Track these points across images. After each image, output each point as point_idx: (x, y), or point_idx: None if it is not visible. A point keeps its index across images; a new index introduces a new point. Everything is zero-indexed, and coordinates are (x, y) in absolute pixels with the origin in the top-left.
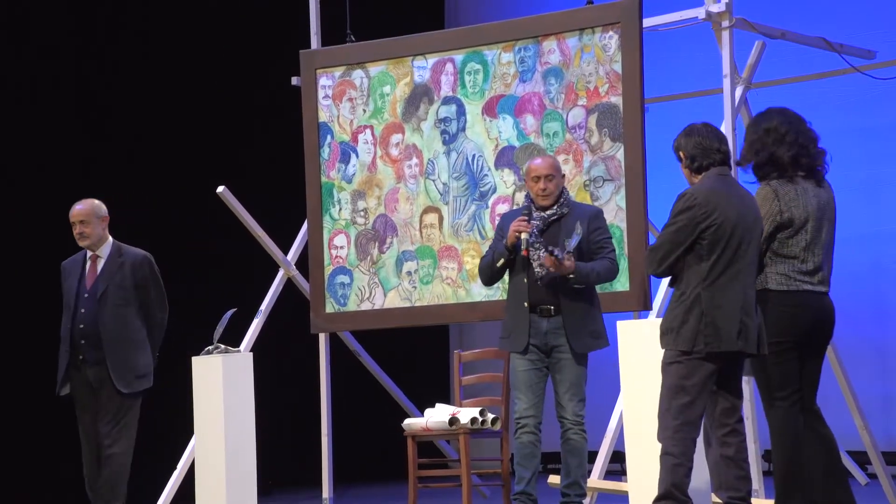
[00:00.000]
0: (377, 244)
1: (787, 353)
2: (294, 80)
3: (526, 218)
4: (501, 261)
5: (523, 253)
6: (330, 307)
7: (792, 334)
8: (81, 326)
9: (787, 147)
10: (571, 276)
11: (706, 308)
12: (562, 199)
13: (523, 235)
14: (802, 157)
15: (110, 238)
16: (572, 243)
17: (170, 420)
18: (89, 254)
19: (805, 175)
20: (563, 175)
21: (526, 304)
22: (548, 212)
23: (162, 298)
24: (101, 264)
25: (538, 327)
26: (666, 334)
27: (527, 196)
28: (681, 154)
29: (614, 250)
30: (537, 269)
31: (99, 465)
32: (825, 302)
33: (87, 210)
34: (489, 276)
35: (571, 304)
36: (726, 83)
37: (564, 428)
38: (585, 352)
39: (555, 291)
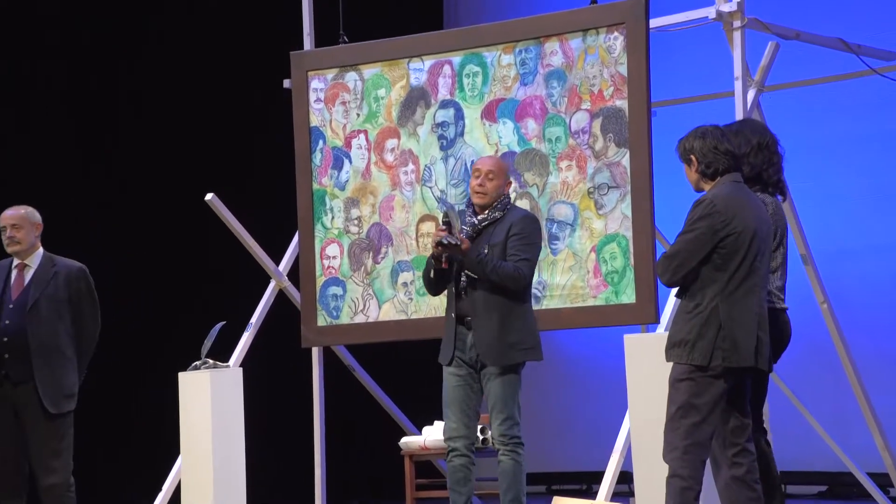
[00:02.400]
0: (371, 254)
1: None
2: (287, 83)
3: (444, 228)
4: (431, 272)
5: (443, 265)
6: (322, 320)
7: (780, 352)
8: (5, 339)
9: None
10: (464, 261)
11: (724, 322)
12: (497, 204)
13: (444, 240)
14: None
15: (41, 248)
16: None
17: (155, 439)
18: (15, 262)
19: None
20: (510, 182)
21: (453, 314)
22: (479, 217)
23: (96, 313)
24: (29, 274)
25: (465, 339)
26: (677, 347)
27: (467, 201)
28: (692, 158)
29: (527, 260)
30: (462, 280)
31: (14, 497)
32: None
33: (21, 215)
34: (428, 286)
35: (483, 312)
36: (738, 86)
37: (495, 449)
38: (505, 365)
39: (474, 300)
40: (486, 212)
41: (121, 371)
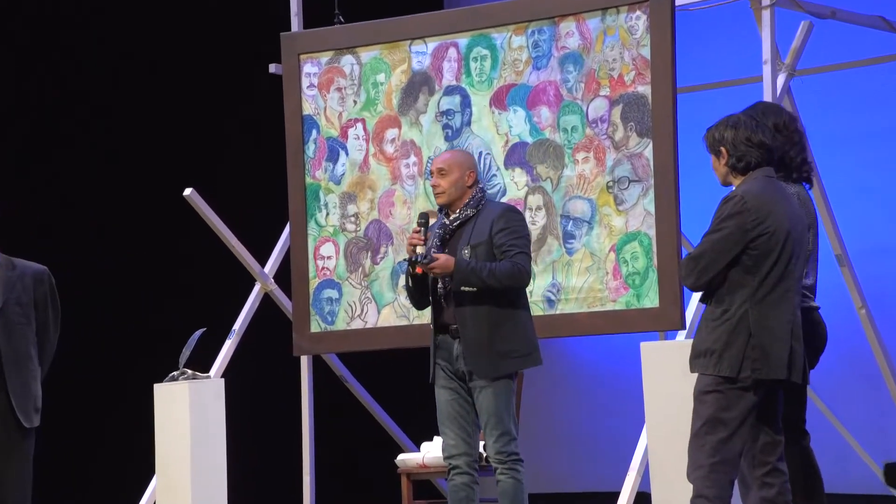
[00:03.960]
0: (370, 254)
1: None
2: (272, 68)
3: (419, 229)
4: (409, 279)
5: (417, 270)
6: (316, 326)
7: (817, 356)
8: None
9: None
10: (454, 277)
11: (755, 329)
12: (469, 200)
13: (419, 249)
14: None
15: None
16: (432, 238)
17: (127, 458)
18: None
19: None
20: (471, 172)
21: (432, 325)
22: (451, 216)
23: (58, 320)
24: None
25: (450, 350)
26: (703, 357)
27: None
28: (722, 149)
29: (524, 253)
30: (440, 286)
31: None
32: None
33: None
34: (412, 298)
35: (469, 320)
36: (767, 70)
37: (493, 468)
38: (495, 376)
39: (459, 307)
40: (458, 210)
41: (89, 383)
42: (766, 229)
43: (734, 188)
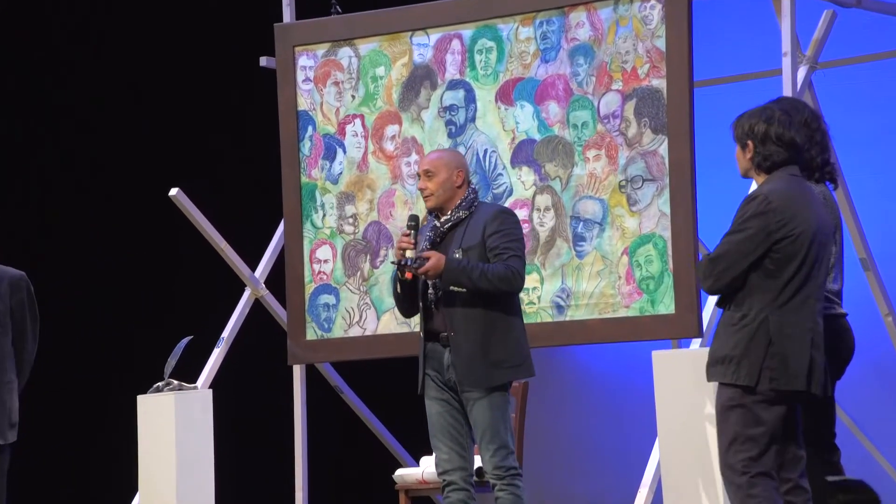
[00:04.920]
0: (369, 257)
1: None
2: (263, 61)
3: (409, 232)
4: (398, 285)
5: (406, 276)
6: (311, 333)
7: (844, 366)
8: None
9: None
10: (443, 275)
11: (775, 337)
12: (460, 202)
13: (408, 253)
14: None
15: None
16: (422, 242)
17: (109, 474)
18: None
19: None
20: (460, 171)
21: (421, 333)
22: (442, 219)
23: (36, 329)
24: None
25: (439, 359)
26: (720, 365)
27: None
28: (749, 143)
29: (518, 256)
30: (430, 291)
31: None
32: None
33: None
34: (400, 305)
35: (461, 327)
36: (786, 63)
37: (491, 484)
38: (489, 386)
39: (450, 314)
40: (449, 212)
41: (70, 395)
42: (790, 231)
43: (756, 186)
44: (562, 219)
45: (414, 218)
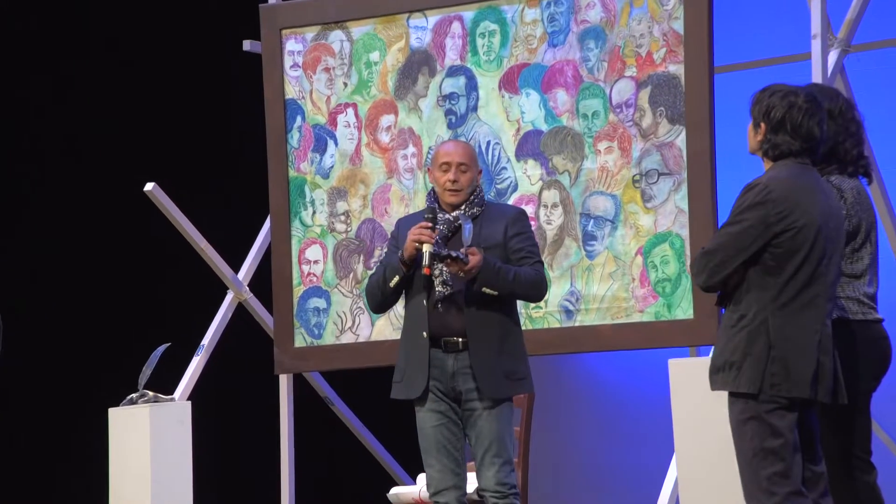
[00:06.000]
0: (362, 258)
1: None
2: (247, 45)
3: (429, 224)
4: (396, 279)
5: (424, 271)
6: (300, 340)
7: (880, 376)
8: None
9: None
10: (477, 276)
11: (775, 339)
12: (473, 198)
13: (425, 247)
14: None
15: None
16: (466, 233)
17: (77, 493)
18: None
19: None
20: (480, 171)
21: (425, 334)
22: (455, 213)
23: None
24: None
25: (443, 366)
26: (721, 372)
27: (430, 195)
28: (763, 126)
29: (541, 262)
30: (439, 289)
31: None
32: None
33: None
34: (379, 300)
35: (480, 331)
36: (815, 46)
37: (488, 502)
38: (502, 397)
39: (462, 316)
40: (463, 207)
41: (38, 407)
42: (792, 224)
43: (763, 172)
44: (571, 216)
45: (432, 210)
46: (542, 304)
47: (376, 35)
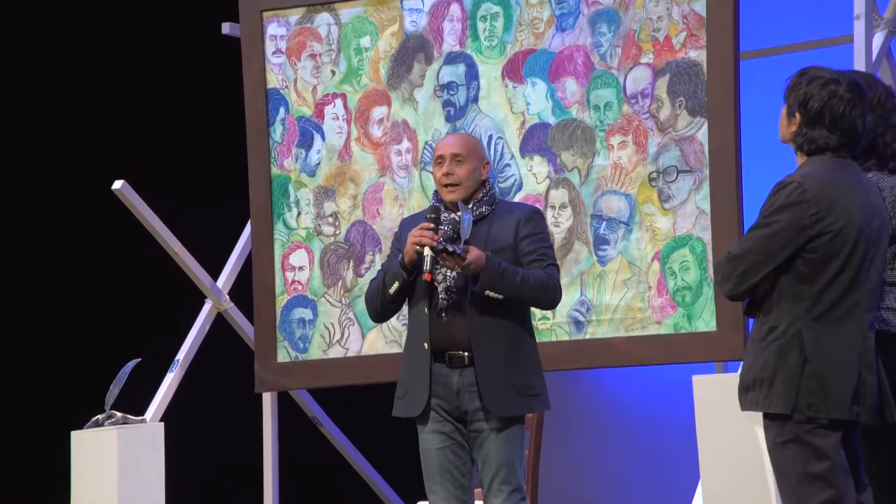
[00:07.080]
0: (352, 264)
1: None
2: (226, 28)
3: (432, 225)
4: (396, 285)
5: (426, 276)
6: (284, 354)
7: None
8: None
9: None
10: (480, 276)
11: (811, 354)
12: (482, 196)
13: (426, 250)
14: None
15: None
16: (465, 225)
17: None
18: None
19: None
20: (487, 162)
21: (426, 345)
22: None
23: None
24: None
25: (447, 383)
26: (751, 391)
27: (436, 194)
28: (797, 116)
29: (555, 265)
30: (442, 297)
31: None
32: None
33: None
34: (378, 308)
35: (487, 343)
36: (858, 27)
37: None
38: (510, 415)
39: (467, 327)
40: (471, 206)
41: None
42: (829, 227)
43: (796, 167)
44: (581, 218)
45: (435, 209)
46: (549, 314)
47: (367, 18)
